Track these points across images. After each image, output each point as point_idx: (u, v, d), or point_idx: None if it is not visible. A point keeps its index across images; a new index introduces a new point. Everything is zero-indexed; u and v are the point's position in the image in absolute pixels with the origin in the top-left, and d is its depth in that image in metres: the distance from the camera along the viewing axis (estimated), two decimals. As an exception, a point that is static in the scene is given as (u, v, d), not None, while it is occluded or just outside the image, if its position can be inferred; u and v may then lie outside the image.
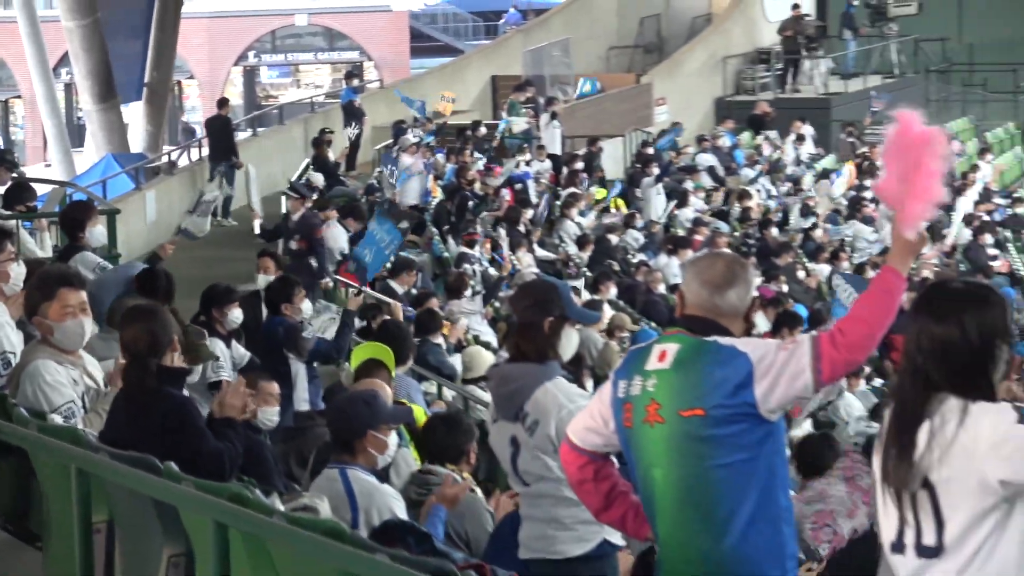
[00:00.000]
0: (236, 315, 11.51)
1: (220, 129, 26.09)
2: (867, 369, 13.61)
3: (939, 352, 4.84)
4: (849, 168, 32.22)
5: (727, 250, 15.92)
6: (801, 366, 5.30)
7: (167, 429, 7.36)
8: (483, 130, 29.53)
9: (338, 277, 16.61)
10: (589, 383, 12.23)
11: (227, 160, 25.56)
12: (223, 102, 27.61)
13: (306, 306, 12.22)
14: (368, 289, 15.09)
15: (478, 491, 8.80)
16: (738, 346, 5.40)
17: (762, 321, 15.90)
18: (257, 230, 22.08)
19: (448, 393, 13.31)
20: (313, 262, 17.91)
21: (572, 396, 7.14)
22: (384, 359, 9.72)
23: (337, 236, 18.68)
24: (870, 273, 21.12)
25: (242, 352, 11.65)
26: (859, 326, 5.33)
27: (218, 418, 7.72)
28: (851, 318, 5.42)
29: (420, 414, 10.17)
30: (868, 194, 28.21)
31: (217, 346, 10.97)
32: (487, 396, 12.92)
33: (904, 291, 5.40)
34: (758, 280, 19.87)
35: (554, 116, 29.47)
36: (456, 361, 14.52)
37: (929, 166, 5.26)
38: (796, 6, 35.92)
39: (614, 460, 5.85)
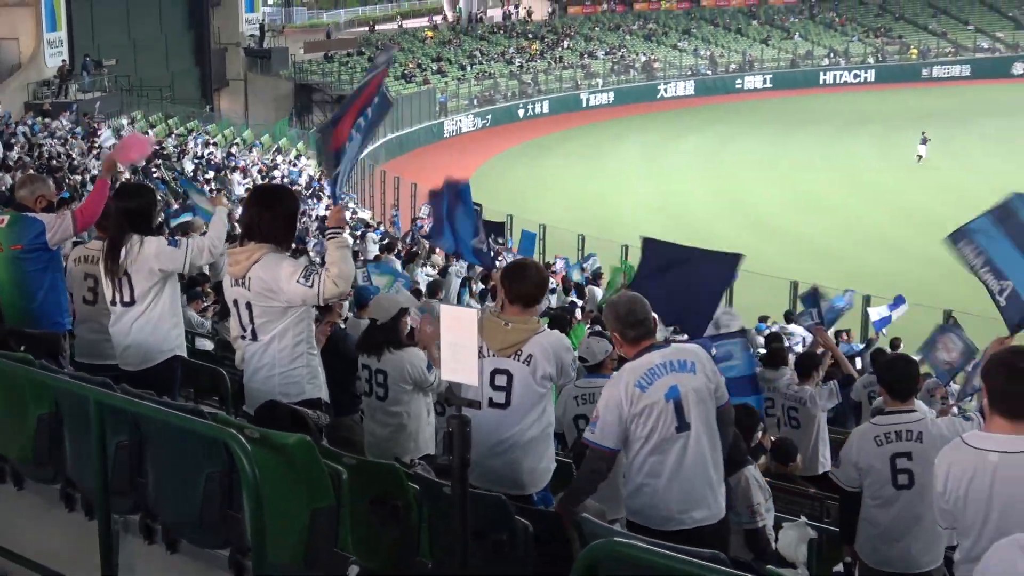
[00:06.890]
0: None
1: None
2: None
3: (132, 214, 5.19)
4: (132, 128, 33.21)
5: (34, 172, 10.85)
6: (67, 226, 5.74)
7: None
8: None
9: None
10: None
11: None
12: None
13: None
14: None
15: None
16: (38, 217, 5.84)
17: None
18: None
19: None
20: None
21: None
22: None
23: None
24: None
25: None
26: (90, 207, 5.77)
27: None
28: (86, 204, 5.81)
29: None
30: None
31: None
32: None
33: (108, 189, 5.62)
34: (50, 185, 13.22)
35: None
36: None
37: (140, 146, 6.18)
38: (65, 61, 37.67)
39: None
